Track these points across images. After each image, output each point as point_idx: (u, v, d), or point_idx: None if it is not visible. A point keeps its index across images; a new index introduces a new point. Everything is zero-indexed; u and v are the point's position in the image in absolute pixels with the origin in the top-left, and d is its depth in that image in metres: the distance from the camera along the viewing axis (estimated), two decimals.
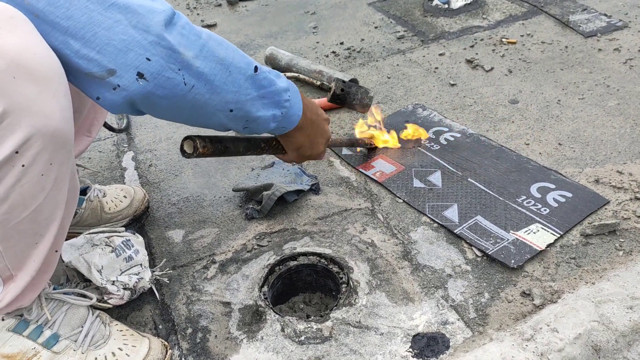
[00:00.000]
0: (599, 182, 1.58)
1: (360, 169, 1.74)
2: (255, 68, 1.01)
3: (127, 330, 1.19)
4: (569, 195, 1.54)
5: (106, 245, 1.27)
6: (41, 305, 1.09)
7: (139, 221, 1.58)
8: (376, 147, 1.82)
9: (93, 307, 1.18)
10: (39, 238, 0.97)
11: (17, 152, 0.83)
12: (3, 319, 1.05)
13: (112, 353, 1.12)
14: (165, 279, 1.37)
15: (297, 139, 1.25)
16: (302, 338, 1.21)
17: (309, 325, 1.22)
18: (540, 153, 1.74)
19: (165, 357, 1.18)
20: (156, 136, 1.98)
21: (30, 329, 1.07)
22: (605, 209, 1.49)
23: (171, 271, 1.41)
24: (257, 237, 1.51)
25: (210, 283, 1.38)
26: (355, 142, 1.76)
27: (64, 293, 1.13)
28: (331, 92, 1.60)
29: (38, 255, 0.98)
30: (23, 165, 0.85)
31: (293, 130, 1.19)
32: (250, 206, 1.60)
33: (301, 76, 2.23)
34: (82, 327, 1.12)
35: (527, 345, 1.11)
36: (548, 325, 1.14)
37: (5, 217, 0.89)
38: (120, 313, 1.31)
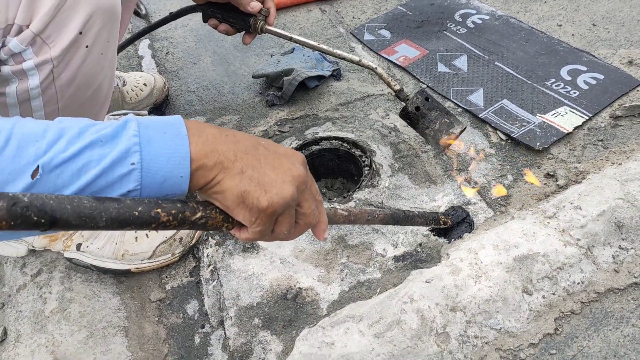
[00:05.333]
0: (633, 63, 1.51)
1: (383, 54, 1.68)
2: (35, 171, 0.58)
3: None
4: (601, 77, 1.48)
5: None
6: None
7: (159, 109, 1.57)
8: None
9: None
10: (95, 117, 0.99)
11: (80, 33, 0.85)
12: None
13: None
14: None
15: (226, 186, 0.65)
16: None
17: (332, 206, 1.24)
18: (572, 34, 1.65)
19: None
20: (171, 23, 1.91)
21: None
22: (637, 90, 1.43)
23: None
24: (279, 123, 1.50)
25: None
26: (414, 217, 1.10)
27: None
28: (403, 107, 1.25)
29: None
30: (87, 46, 0.87)
31: (201, 173, 0.64)
32: (271, 92, 1.57)
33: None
34: None
35: (549, 222, 1.12)
36: (571, 204, 1.14)
37: (71, 100, 0.91)
38: None
